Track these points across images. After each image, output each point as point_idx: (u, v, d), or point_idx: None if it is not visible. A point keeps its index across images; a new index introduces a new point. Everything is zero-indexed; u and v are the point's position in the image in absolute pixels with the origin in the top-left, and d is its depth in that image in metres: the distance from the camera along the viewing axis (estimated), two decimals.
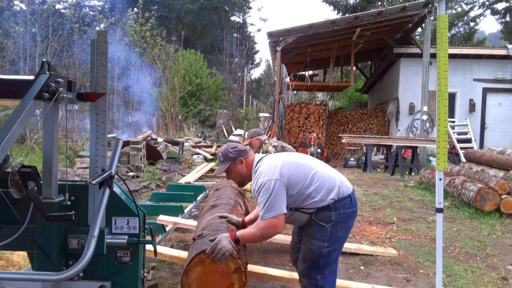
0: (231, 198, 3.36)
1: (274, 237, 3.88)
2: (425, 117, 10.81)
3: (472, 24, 23.38)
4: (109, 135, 6.94)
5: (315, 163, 2.33)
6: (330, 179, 2.23)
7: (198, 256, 2.00)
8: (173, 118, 16.22)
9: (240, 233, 2.16)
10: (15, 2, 21.23)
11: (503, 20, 23.08)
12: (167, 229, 4.06)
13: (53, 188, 1.42)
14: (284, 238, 3.93)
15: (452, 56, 11.99)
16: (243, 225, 2.68)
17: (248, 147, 2.42)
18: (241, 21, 35.09)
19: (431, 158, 10.96)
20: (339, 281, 2.93)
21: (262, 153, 4.18)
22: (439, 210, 2.47)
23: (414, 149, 9.55)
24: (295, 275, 2.96)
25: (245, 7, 34.95)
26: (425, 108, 10.79)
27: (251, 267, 3.02)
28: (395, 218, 5.29)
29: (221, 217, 2.64)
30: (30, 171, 1.29)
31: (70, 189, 1.48)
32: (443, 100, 2.38)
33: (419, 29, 16.09)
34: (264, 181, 2.12)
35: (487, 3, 22.58)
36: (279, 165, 2.19)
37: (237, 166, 2.34)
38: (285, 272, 3.03)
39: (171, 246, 3.73)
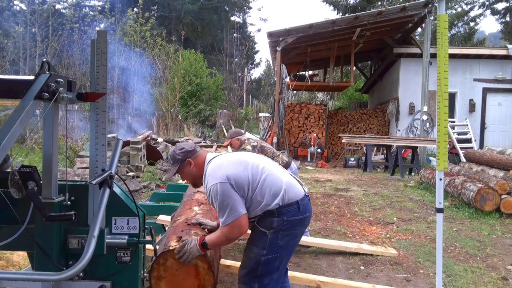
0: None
1: None
2: (425, 117, 10.81)
3: (472, 24, 23.38)
4: (109, 135, 6.93)
5: (267, 165, 2.19)
6: (277, 183, 2.10)
7: (163, 254, 1.97)
8: (173, 118, 16.22)
9: (208, 238, 2.05)
10: (15, 2, 21.23)
11: (503, 20, 23.08)
12: (167, 229, 4.05)
13: (53, 188, 1.42)
14: None
15: (452, 56, 11.99)
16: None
17: (197, 146, 2.29)
18: (241, 21, 35.09)
19: (431, 158, 10.96)
20: (339, 281, 2.93)
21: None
22: (439, 210, 2.47)
23: (414, 149, 9.55)
24: (295, 273, 2.97)
25: (245, 7, 34.95)
26: (425, 108, 10.79)
27: None
28: (395, 218, 5.29)
29: (194, 224, 2.51)
30: (30, 171, 1.29)
31: (70, 189, 1.48)
32: (443, 100, 2.38)
33: (419, 29, 16.08)
34: (211, 187, 2.03)
35: (487, 3, 22.58)
36: (225, 167, 2.08)
37: (186, 167, 2.24)
38: None
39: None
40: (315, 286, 2.89)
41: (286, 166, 3.96)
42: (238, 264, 3.02)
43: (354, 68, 16.12)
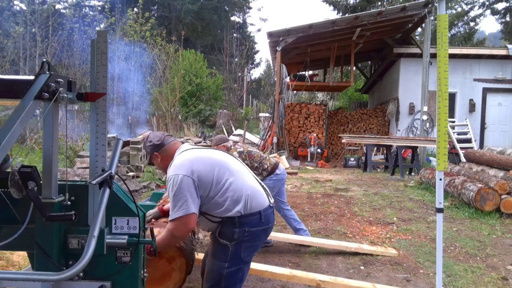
0: None
1: (275, 236, 3.89)
2: (425, 117, 10.81)
3: (472, 24, 23.39)
4: (109, 135, 6.94)
5: (236, 170, 2.10)
6: (241, 189, 2.01)
7: None
8: (173, 118, 16.22)
9: (157, 241, 1.90)
10: (15, 2, 21.23)
11: (503, 20, 23.09)
12: None
13: (53, 188, 1.42)
14: (285, 237, 3.93)
15: (452, 56, 11.99)
16: (162, 214, 2.53)
17: (167, 138, 2.22)
18: (241, 21, 35.09)
19: (431, 158, 10.97)
20: (339, 279, 2.93)
21: None
22: (439, 210, 2.47)
23: (414, 149, 9.55)
24: (295, 272, 2.96)
25: (245, 7, 34.95)
26: (425, 108, 10.79)
27: (251, 265, 3.02)
28: (395, 218, 5.29)
29: (149, 221, 2.45)
30: (30, 171, 1.29)
31: (70, 189, 1.48)
32: (443, 100, 2.38)
33: (419, 29, 16.08)
34: (171, 175, 1.95)
35: (487, 3, 22.58)
36: (193, 161, 2.01)
37: (154, 160, 2.22)
38: (286, 270, 3.03)
39: None
40: (315, 285, 2.89)
41: (274, 167, 3.94)
42: (255, 265, 3.03)
43: (354, 68, 16.12)
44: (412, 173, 9.53)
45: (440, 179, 2.45)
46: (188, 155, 2.06)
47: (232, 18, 33.85)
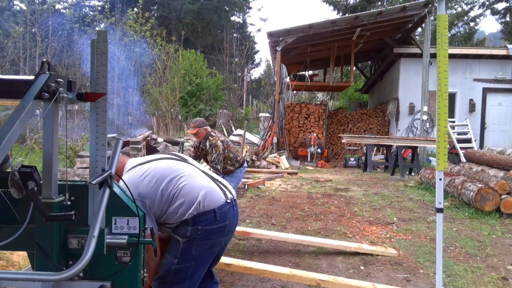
0: None
1: (275, 236, 3.89)
2: (425, 117, 10.81)
3: (472, 24, 23.39)
4: (108, 135, 6.94)
5: (186, 174, 2.09)
6: (192, 193, 2.01)
7: None
8: (173, 118, 16.22)
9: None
10: (15, 2, 21.23)
11: (503, 20, 23.09)
12: None
13: (53, 188, 1.42)
14: (285, 237, 3.93)
15: (452, 56, 11.99)
16: None
17: None
18: (241, 21, 35.08)
19: (431, 158, 10.97)
20: (339, 279, 2.93)
21: (210, 146, 4.14)
22: (439, 210, 2.47)
23: (414, 149, 9.56)
24: (295, 272, 2.96)
25: (245, 7, 34.94)
26: (425, 108, 10.79)
27: (251, 265, 3.03)
28: (395, 218, 5.29)
29: None
30: (30, 171, 1.29)
31: (70, 189, 1.48)
32: (443, 100, 2.38)
33: (419, 29, 16.09)
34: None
35: (487, 3, 22.58)
36: (137, 183, 1.98)
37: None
38: (286, 269, 3.03)
39: None
40: (315, 284, 2.89)
41: (243, 161, 4.37)
42: (238, 262, 3.03)
43: (354, 68, 16.12)
44: (412, 173, 9.53)
45: (440, 179, 2.45)
46: (133, 178, 2.02)
47: (232, 18, 33.83)
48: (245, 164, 4.36)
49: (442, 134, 2.41)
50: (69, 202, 1.47)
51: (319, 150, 11.74)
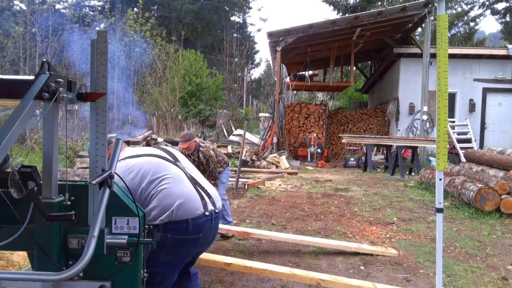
0: None
1: (275, 236, 3.89)
2: (425, 117, 10.81)
3: (472, 24, 23.40)
4: (108, 135, 6.93)
5: (169, 176, 2.06)
6: (171, 198, 1.97)
7: None
8: (173, 118, 16.22)
9: None
10: (15, 2, 21.24)
11: (503, 20, 23.09)
12: None
13: (53, 188, 1.42)
14: (285, 237, 3.93)
15: (452, 56, 12.00)
16: None
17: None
18: (241, 21, 35.09)
19: (431, 158, 10.97)
20: (339, 278, 2.93)
21: (204, 158, 4.28)
22: (439, 210, 2.47)
23: (414, 149, 9.56)
24: (295, 271, 2.96)
25: (245, 7, 34.94)
26: (425, 108, 10.79)
27: (251, 264, 3.03)
28: (395, 218, 5.29)
29: None
30: (30, 171, 1.29)
31: (70, 189, 1.48)
32: (443, 100, 2.38)
33: (419, 29, 16.09)
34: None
35: (487, 3, 22.59)
36: (124, 173, 1.96)
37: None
38: (286, 269, 3.03)
39: None
40: (315, 284, 2.89)
41: (228, 160, 4.61)
42: (238, 262, 3.03)
43: (354, 68, 16.13)
44: (412, 173, 9.53)
45: (440, 179, 2.45)
46: (119, 170, 1.99)
47: (232, 18, 33.84)
48: (229, 163, 4.70)
49: (442, 134, 2.41)
50: (69, 202, 1.47)
51: (319, 150, 11.74)
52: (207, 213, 2.05)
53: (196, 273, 2.39)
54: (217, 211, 2.14)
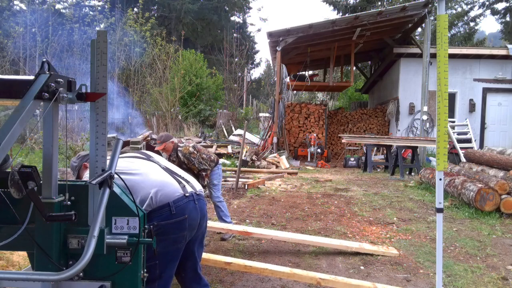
0: None
1: (276, 236, 3.89)
2: (425, 117, 10.81)
3: (472, 24, 23.40)
4: (108, 135, 6.93)
5: (142, 169, 2.09)
6: (146, 188, 1.99)
7: None
8: (173, 118, 16.23)
9: None
10: (15, 2, 21.24)
11: (503, 20, 23.10)
12: None
13: (53, 188, 1.42)
14: (286, 237, 3.93)
15: (452, 56, 12.00)
16: None
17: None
18: (241, 21, 35.10)
19: (431, 158, 10.97)
20: (339, 278, 2.93)
21: (184, 156, 4.24)
22: (439, 210, 2.47)
23: (414, 149, 9.56)
24: (295, 271, 2.97)
25: (245, 7, 34.94)
26: (425, 108, 10.79)
27: (251, 264, 3.03)
28: (395, 218, 5.29)
29: None
30: (30, 171, 1.29)
31: (70, 189, 1.48)
32: (443, 100, 2.38)
33: (419, 29, 16.09)
34: None
35: (487, 3, 22.59)
36: None
37: (83, 172, 2.20)
38: (285, 268, 3.03)
39: None
40: (315, 283, 2.89)
41: (218, 160, 4.50)
42: (239, 261, 3.03)
43: (354, 68, 16.13)
44: (412, 173, 9.53)
45: (440, 179, 2.45)
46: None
47: (232, 18, 33.85)
48: (219, 163, 4.58)
49: (442, 134, 2.41)
50: (69, 202, 1.47)
51: (319, 150, 11.74)
52: (187, 194, 2.06)
53: (207, 285, 2.36)
54: (198, 192, 2.15)
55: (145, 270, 1.92)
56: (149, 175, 2.08)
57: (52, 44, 14.37)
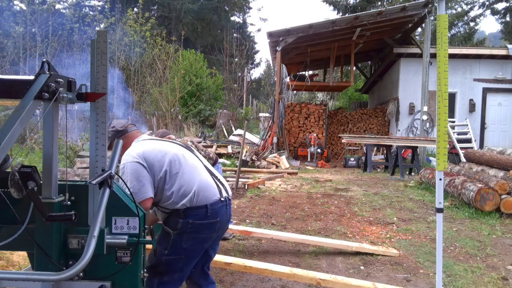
0: None
1: (276, 236, 3.89)
2: (425, 117, 10.81)
3: (472, 24, 23.41)
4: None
5: (190, 162, 2.14)
6: (189, 183, 2.04)
7: None
8: (173, 118, 16.22)
9: None
10: (15, 2, 21.23)
11: (503, 20, 23.10)
12: None
13: (53, 188, 1.42)
14: (287, 236, 3.93)
15: (452, 56, 12.00)
16: None
17: (130, 126, 2.28)
18: (241, 21, 35.10)
19: (431, 158, 10.97)
20: (339, 278, 2.93)
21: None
22: (439, 210, 2.47)
23: (414, 149, 9.56)
24: (296, 271, 2.96)
25: (245, 7, 34.94)
26: (425, 108, 10.80)
27: (251, 264, 3.03)
28: (395, 218, 5.29)
29: None
30: (30, 171, 1.29)
31: (70, 189, 1.48)
32: (443, 100, 2.38)
33: (419, 29, 16.09)
34: (123, 163, 1.99)
35: (487, 3, 22.59)
36: (145, 150, 2.04)
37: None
38: (286, 268, 3.02)
39: None
40: (315, 283, 2.89)
41: (217, 158, 4.42)
42: (238, 261, 3.03)
43: (354, 68, 16.13)
44: (412, 173, 9.53)
45: (440, 179, 2.45)
46: (144, 144, 2.10)
47: (232, 18, 33.85)
48: (219, 160, 4.54)
49: (442, 134, 2.41)
50: (69, 202, 1.47)
51: (319, 150, 11.74)
52: (222, 199, 2.15)
53: (214, 283, 2.44)
54: (230, 198, 2.26)
55: (166, 263, 2.02)
56: (196, 169, 2.14)
57: (52, 44, 14.37)
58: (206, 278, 2.39)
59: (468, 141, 10.56)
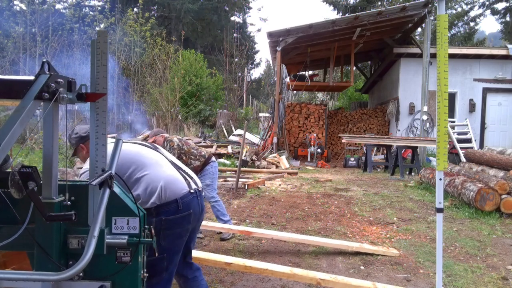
0: None
1: (277, 236, 3.89)
2: (425, 117, 10.81)
3: (472, 24, 23.40)
4: (109, 135, 6.91)
5: (153, 159, 2.15)
6: (155, 180, 2.06)
7: None
8: (173, 118, 16.22)
9: None
10: (15, 2, 21.23)
11: (503, 20, 23.10)
12: None
13: (53, 188, 1.42)
14: (287, 236, 3.93)
15: (452, 56, 12.00)
16: None
17: None
18: (241, 21, 35.09)
19: (431, 158, 10.97)
20: (340, 278, 2.93)
21: (168, 148, 4.19)
22: (439, 210, 2.47)
23: (414, 149, 9.56)
24: (296, 271, 2.96)
25: (245, 7, 34.93)
26: (425, 108, 10.80)
27: (251, 264, 3.03)
28: (395, 218, 5.29)
29: None
30: (30, 171, 1.29)
31: (70, 189, 1.48)
32: (443, 100, 2.38)
33: (419, 29, 16.09)
34: (84, 168, 2.00)
35: (487, 3, 22.59)
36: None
37: (80, 152, 2.26)
38: (286, 268, 3.03)
39: None
40: (315, 283, 2.89)
41: (210, 156, 4.28)
42: (239, 261, 3.03)
43: (354, 68, 16.13)
44: (412, 173, 9.53)
45: (440, 179, 2.45)
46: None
47: (232, 18, 33.83)
48: (213, 159, 4.35)
49: (442, 134, 2.41)
50: (69, 202, 1.47)
51: (319, 150, 11.74)
52: (192, 191, 2.17)
53: (199, 268, 2.47)
54: (199, 189, 2.26)
55: (151, 265, 1.97)
56: (159, 167, 2.15)
57: (52, 44, 14.37)
58: (191, 267, 2.41)
59: (468, 141, 10.56)
